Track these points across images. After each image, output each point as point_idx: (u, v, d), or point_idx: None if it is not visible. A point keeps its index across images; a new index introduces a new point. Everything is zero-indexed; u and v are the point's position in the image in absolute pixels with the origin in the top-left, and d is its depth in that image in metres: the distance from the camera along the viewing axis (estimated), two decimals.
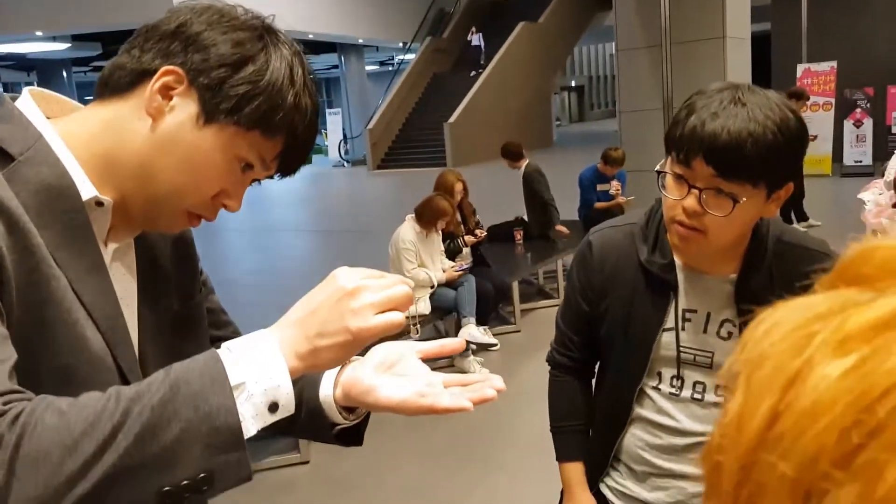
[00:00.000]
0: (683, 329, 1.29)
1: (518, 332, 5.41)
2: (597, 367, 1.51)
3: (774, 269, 1.24)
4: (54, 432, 0.59)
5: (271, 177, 0.85)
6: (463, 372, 4.68)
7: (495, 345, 4.85)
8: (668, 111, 6.89)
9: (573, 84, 43.53)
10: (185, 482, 0.63)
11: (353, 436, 0.92)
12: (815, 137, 10.38)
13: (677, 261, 1.29)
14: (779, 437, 0.25)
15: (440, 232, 4.68)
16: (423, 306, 4.52)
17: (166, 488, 0.62)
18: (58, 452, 0.59)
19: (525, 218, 6.42)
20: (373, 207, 14.35)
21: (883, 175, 4.31)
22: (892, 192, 3.29)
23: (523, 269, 5.76)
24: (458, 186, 5.09)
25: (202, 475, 0.63)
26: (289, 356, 0.69)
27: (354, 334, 0.70)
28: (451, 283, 4.64)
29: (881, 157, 10.45)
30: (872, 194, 3.82)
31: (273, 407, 0.67)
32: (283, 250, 10.40)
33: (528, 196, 6.36)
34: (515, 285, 5.40)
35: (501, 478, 3.36)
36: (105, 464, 0.60)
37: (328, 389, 0.88)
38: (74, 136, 0.78)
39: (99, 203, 0.78)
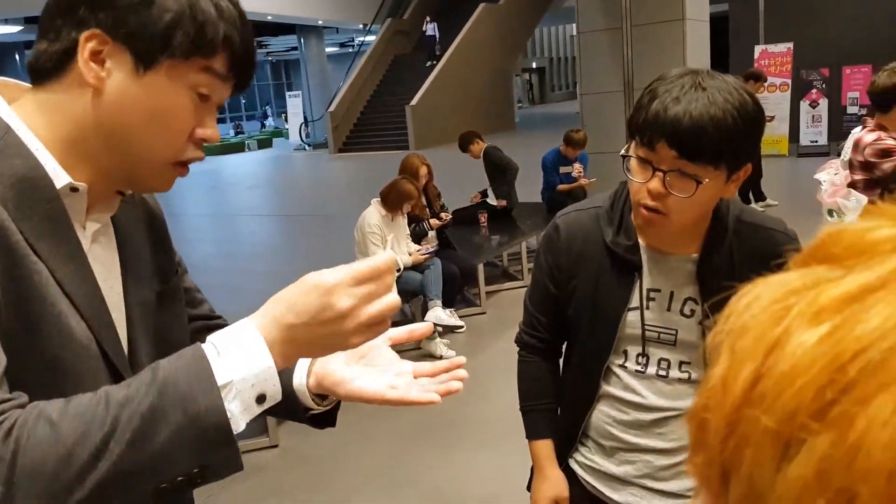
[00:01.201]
0: (648, 308, 1.33)
1: (483, 313, 5.45)
2: (564, 346, 1.54)
3: (734, 248, 1.28)
4: (47, 444, 0.61)
5: (233, 95, 0.84)
6: (430, 354, 4.70)
7: (462, 327, 4.87)
8: (629, 93, 6.95)
9: (534, 66, 43.63)
10: (179, 478, 0.64)
11: (326, 418, 0.95)
12: (773, 118, 10.60)
13: (641, 242, 1.33)
14: (761, 395, 0.28)
15: (406, 215, 4.67)
16: None
17: (163, 485, 0.64)
18: (53, 463, 0.60)
19: (487, 195, 6.45)
20: (335, 191, 14.25)
21: (839, 155, 4.42)
22: (848, 172, 3.37)
23: (488, 252, 5.79)
24: (423, 170, 5.08)
25: (195, 470, 0.65)
26: (276, 354, 0.69)
27: (351, 347, 0.73)
28: (417, 267, 4.64)
29: (836, 136, 10.71)
30: (828, 174, 3.92)
31: (261, 398, 0.68)
32: (245, 235, 10.27)
33: (493, 172, 6.39)
34: (481, 268, 5.42)
35: (470, 456, 3.39)
36: (100, 470, 0.61)
37: (301, 377, 0.90)
38: (37, 124, 0.77)
39: (73, 189, 0.77)
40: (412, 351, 4.87)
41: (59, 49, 0.76)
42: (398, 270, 4.54)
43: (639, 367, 1.36)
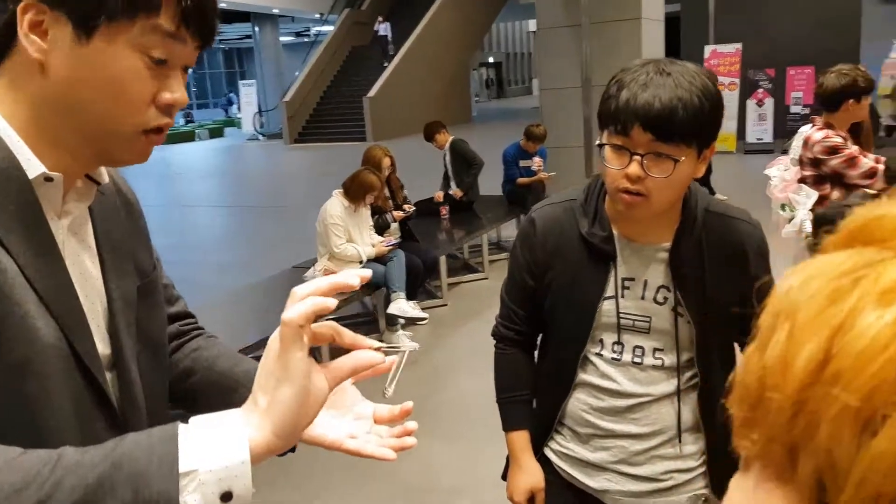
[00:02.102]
0: (623, 296, 1.37)
1: (445, 305, 5.49)
2: (539, 338, 1.57)
3: (703, 238, 1.34)
4: None
5: (200, 52, 0.78)
6: (392, 345, 4.72)
7: (424, 318, 4.91)
8: (588, 89, 7.07)
9: (491, 60, 43.77)
10: None
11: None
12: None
13: (615, 232, 1.37)
14: (836, 374, 0.30)
15: (369, 207, 4.67)
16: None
17: None
18: None
19: (451, 190, 6.49)
20: (291, 182, 14.08)
21: (784, 152, 4.59)
22: (798, 168, 3.51)
23: (450, 244, 5.83)
24: (386, 161, 5.08)
25: None
26: (255, 445, 0.62)
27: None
28: (380, 258, 4.65)
29: (781, 134, 11.06)
30: (778, 170, 4.06)
31: (226, 496, 0.59)
32: (198, 227, 10.09)
33: (458, 164, 6.44)
34: (443, 260, 5.46)
35: (437, 448, 3.43)
36: None
37: None
38: (5, 110, 0.73)
39: (48, 178, 0.73)
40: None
41: (1, 24, 0.71)
42: (361, 262, 4.55)
43: (614, 355, 1.40)
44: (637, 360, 1.39)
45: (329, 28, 22.58)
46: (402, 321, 4.76)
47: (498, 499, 2.88)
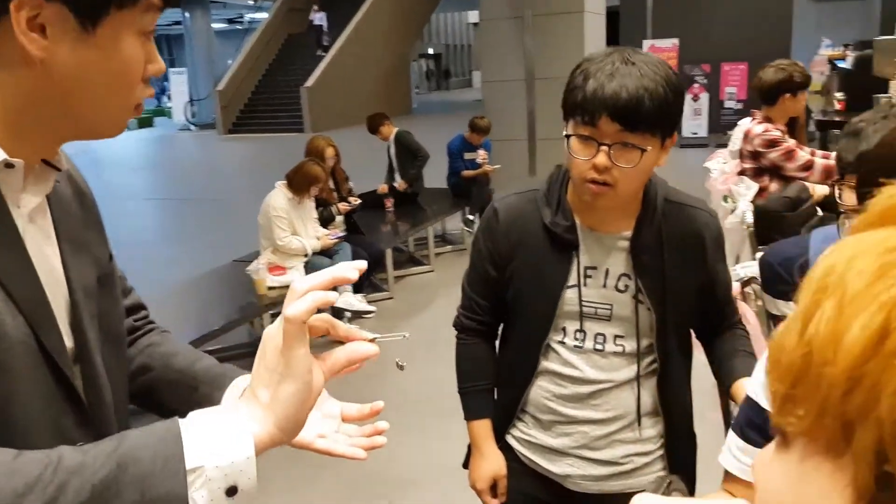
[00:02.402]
0: (585, 285, 1.39)
1: (391, 298, 5.45)
2: (500, 328, 1.57)
3: (663, 226, 1.36)
4: None
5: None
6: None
7: (372, 312, 4.85)
8: (531, 82, 7.11)
9: (430, 52, 43.70)
10: None
11: None
12: None
13: (578, 222, 1.38)
14: None
15: (313, 199, 4.57)
16: (298, 275, 4.41)
17: None
18: None
19: (395, 182, 6.44)
20: (227, 174, 13.75)
21: (717, 146, 4.70)
22: (738, 161, 3.61)
23: (396, 237, 5.78)
24: (330, 152, 4.99)
25: None
26: (259, 440, 0.63)
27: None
28: (325, 252, 4.56)
29: (715, 129, 11.41)
30: (718, 163, 4.17)
31: (231, 490, 0.60)
32: (132, 220, 9.71)
33: (403, 156, 6.38)
34: (389, 253, 5.41)
35: (389, 439, 3.39)
36: None
37: (230, 398, 0.88)
38: None
39: (8, 165, 0.70)
40: (321, 337, 4.80)
41: None
42: (306, 256, 4.46)
43: (577, 343, 1.41)
44: (599, 347, 1.41)
45: (263, 15, 22.08)
46: (348, 315, 4.69)
47: (449, 488, 2.88)
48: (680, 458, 1.47)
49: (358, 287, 4.70)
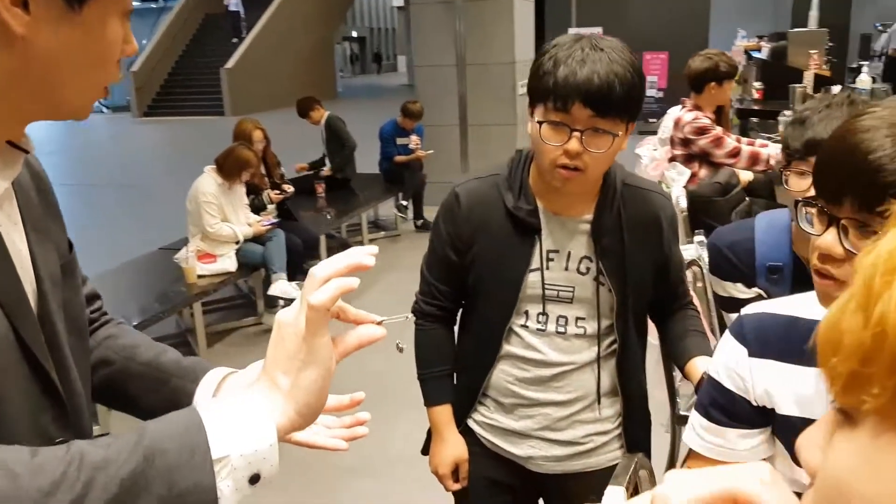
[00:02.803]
0: (548, 268, 1.40)
1: None
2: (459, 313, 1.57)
3: (622, 209, 1.39)
4: (3, 499, 0.53)
5: None
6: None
7: None
8: (462, 67, 7.11)
9: (354, 35, 43.09)
10: None
11: None
12: None
13: (540, 206, 1.39)
14: None
15: (244, 184, 4.44)
16: (229, 263, 4.29)
17: None
18: None
19: (326, 164, 6.34)
20: (143, 159, 13.20)
21: (646, 133, 4.84)
22: (668, 147, 3.72)
23: (330, 223, 5.68)
24: (258, 134, 4.84)
25: None
26: (281, 427, 0.63)
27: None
28: (258, 238, 4.44)
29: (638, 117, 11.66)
30: (648, 150, 4.29)
31: (254, 478, 0.60)
32: None
33: (332, 141, 6.28)
34: (322, 239, 5.32)
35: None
36: None
37: (207, 391, 0.87)
38: None
39: None
40: (253, 327, 4.70)
41: None
42: (237, 243, 4.33)
43: (539, 326, 1.42)
44: (561, 329, 1.42)
45: None
46: (282, 303, 4.59)
47: (395, 476, 2.87)
48: (636, 437, 1.52)
49: (291, 275, 4.60)
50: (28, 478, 0.53)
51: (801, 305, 0.99)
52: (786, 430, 0.99)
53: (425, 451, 1.61)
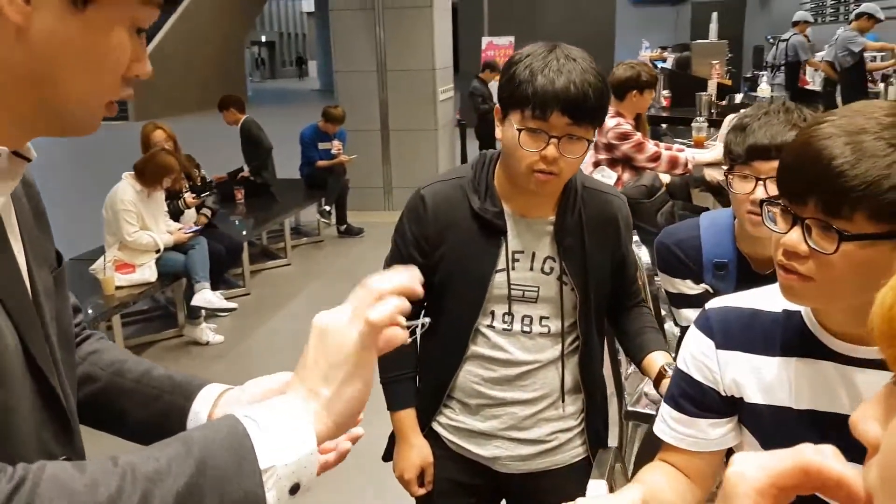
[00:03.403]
0: (513, 269, 1.43)
1: (248, 294, 5.24)
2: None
3: (582, 211, 1.44)
4: None
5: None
6: (195, 341, 4.38)
7: (233, 308, 4.62)
8: (382, 73, 7.12)
9: (263, 39, 42.17)
10: None
11: None
12: None
13: (506, 208, 1.42)
14: None
15: (164, 191, 4.27)
16: (149, 273, 4.11)
17: None
18: None
19: (245, 171, 6.20)
20: (41, 165, 12.28)
21: None
22: (593, 152, 3.84)
23: (253, 229, 5.53)
24: (159, 134, 4.61)
25: None
26: (319, 436, 0.63)
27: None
28: (179, 246, 4.28)
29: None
30: None
31: (294, 488, 0.61)
32: None
33: (247, 145, 6.14)
34: (245, 246, 5.18)
35: None
36: None
37: (203, 407, 0.86)
38: None
39: None
40: (174, 339, 4.52)
41: None
42: (157, 252, 4.16)
43: (505, 326, 1.45)
44: (526, 328, 1.45)
45: None
46: (203, 313, 4.45)
47: (354, 484, 2.82)
48: (596, 433, 1.56)
49: (214, 284, 4.46)
50: (86, 493, 0.52)
51: (762, 299, 1.05)
52: (754, 417, 1.04)
53: (387, 457, 1.60)
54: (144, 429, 0.86)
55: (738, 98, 6.30)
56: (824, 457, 0.43)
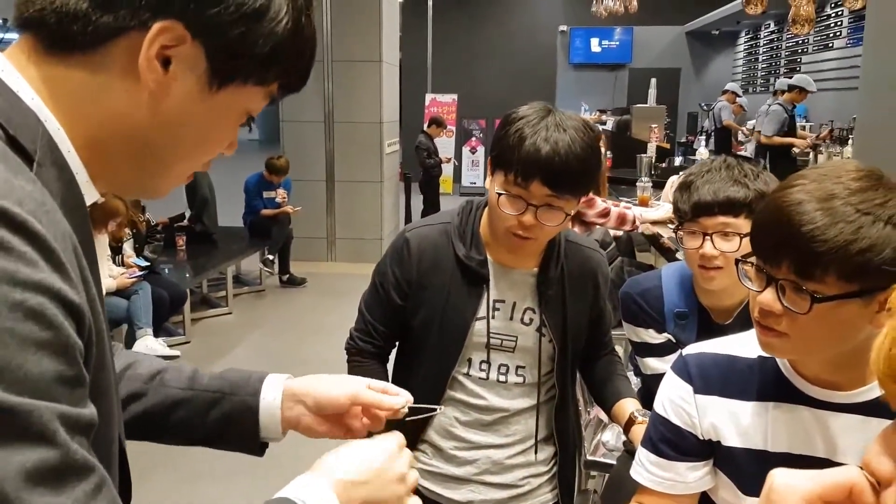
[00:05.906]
0: (493, 317, 1.45)
1: (188, 343, 5.08)
2: (393, 355, 1.58)
3: (564, 264, 1.47)
4: None
5: None
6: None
7: (177, 356, 4.48)
8: (330, 125, 7.18)
9: None
10: None
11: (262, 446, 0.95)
12: (450, 159, 11.74)
13: (489, 257, 1.45)
14: None
15: (108, 235, 4.15)
16: None
17: None
18: None
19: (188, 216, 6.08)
20: None
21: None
22: None
23: (195, 277, 5.40)
24: None
25: None
26: None
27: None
28: (121, 292, 4.15)
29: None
30: None
31: None
32: None
33: (189, 193, 6.05)
34: (188, 293, 5.05)
35: (217, 487, 3.14)
36: None
37: (271, 394, 0.91)
38: (64, 112, 0.59)
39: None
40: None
41: (110, 25, 0.57)
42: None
43: (482, 374, 1.46)
44: (502, 378, 1.47)
45: (14, 36, 19.67)
46: None
47: None
48: (567, 478, 1.58)
49: (156, 331, 4.33)
50: None
51: (738, 345, 1.10)
52: (730, 460, 1.07)
53: None
54: (213, 434, 0.89)
55: (678, 161, 6.61)
56: (867, 483, 0.47)
